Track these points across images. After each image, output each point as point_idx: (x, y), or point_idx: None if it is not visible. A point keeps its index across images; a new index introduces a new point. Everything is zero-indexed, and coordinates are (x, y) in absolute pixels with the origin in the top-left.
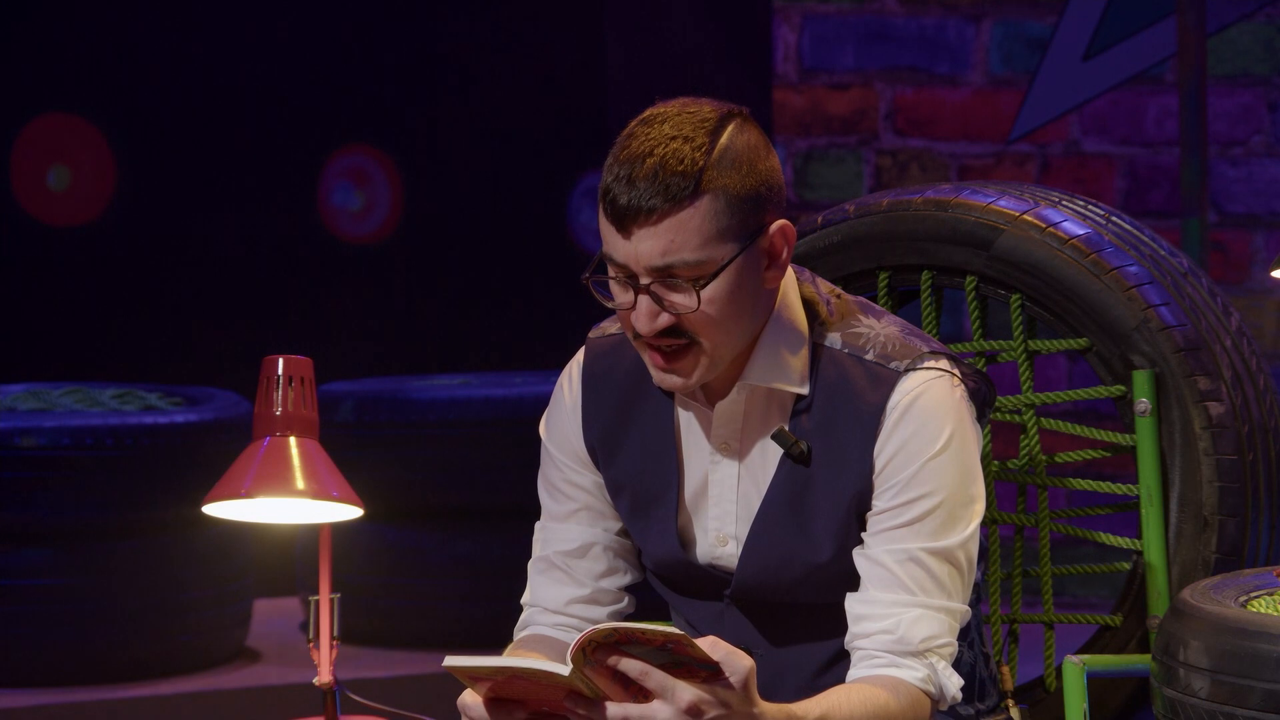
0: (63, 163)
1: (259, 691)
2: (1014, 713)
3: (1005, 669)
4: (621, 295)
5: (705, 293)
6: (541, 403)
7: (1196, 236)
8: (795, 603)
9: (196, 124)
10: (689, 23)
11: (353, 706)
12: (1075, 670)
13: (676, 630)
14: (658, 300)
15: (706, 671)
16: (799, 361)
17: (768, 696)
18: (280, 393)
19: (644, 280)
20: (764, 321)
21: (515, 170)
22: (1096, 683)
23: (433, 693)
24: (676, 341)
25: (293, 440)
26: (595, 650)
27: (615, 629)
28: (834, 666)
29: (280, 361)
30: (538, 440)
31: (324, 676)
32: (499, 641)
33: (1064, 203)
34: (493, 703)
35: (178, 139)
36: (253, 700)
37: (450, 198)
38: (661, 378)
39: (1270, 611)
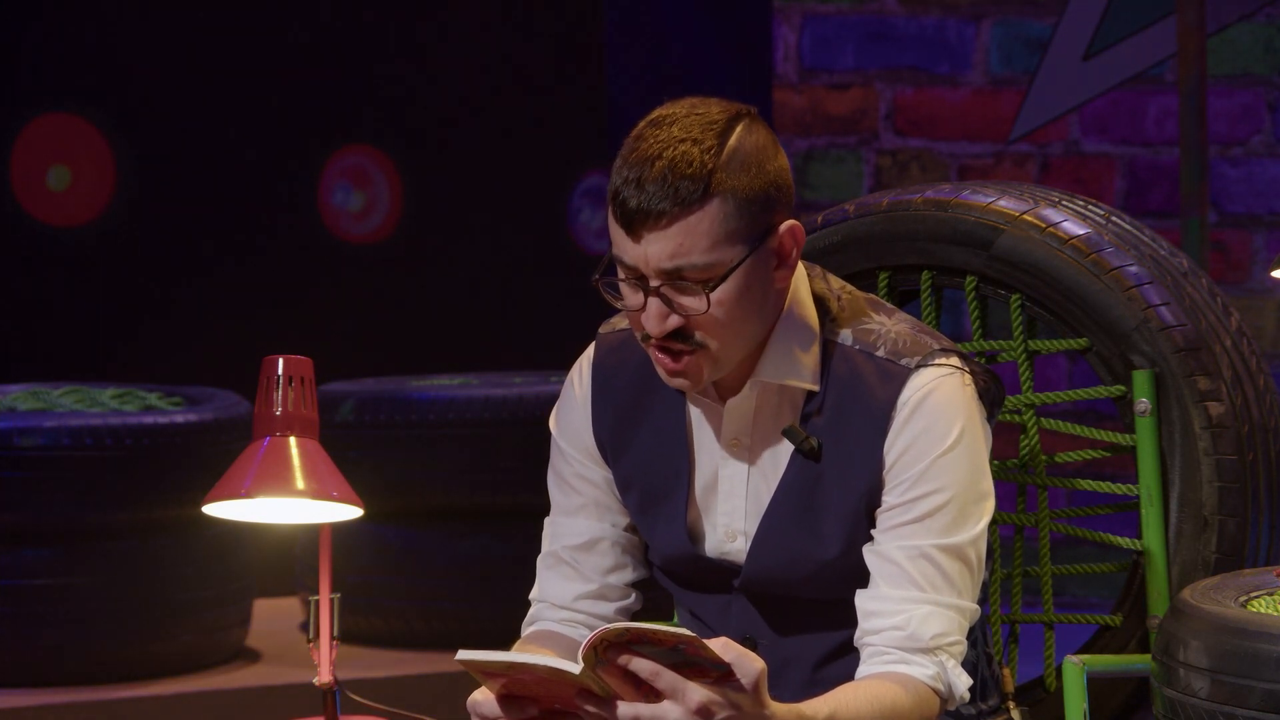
0: (63, 163)
1: (259, 691)
2: (1015, 714)
3: (1006, 670)
4: (631, 297)
5: (715, 295)
6: (542, 402)
7: (1196, 236)
8: (803, 597)
9: (196, 124)
10: (689, 23)
11: (353, 706)
12: (1075, 670)
13: (688, 631)
14: (667, 302)
15: (717, 672)
16: (810, 358)
17: (770, 686)
18: (280, 393)
19: (653, 282)
20: (774, 320)
21: (515, 170)
22: (1096, 683)
23: (433, 693)
24: (684, 346)
25: (293, 440)
26: (607, 649)
27: (627, 629)
28: (838, 658)
29: (280, 361)
30: (538, 440)
31: (324, 676)
32: (499, 642)
33: (1064, 203)
34: (504, 698)
35: (178, 139)
36: (253, 700)
37: (450, 198)
38: (669, 379)
39: (1270, 611)
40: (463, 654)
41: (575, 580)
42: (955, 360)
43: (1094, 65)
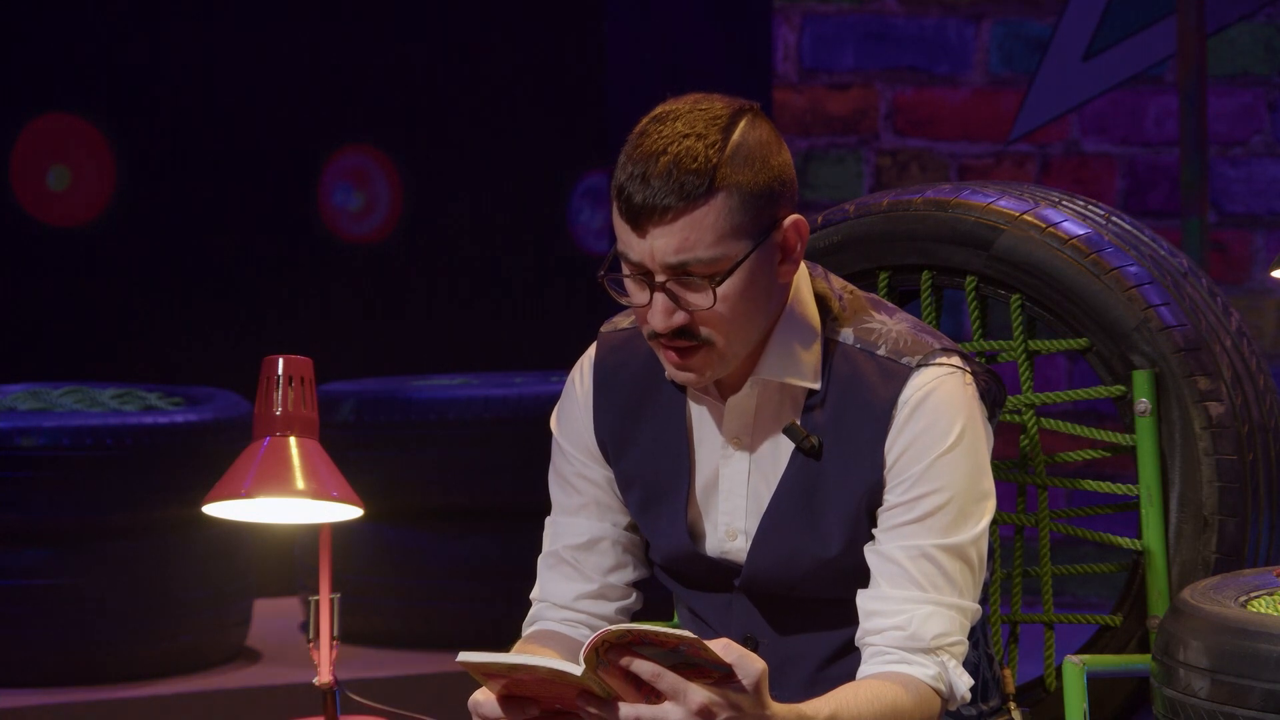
0: (63, 163)
1: (259, 691)
2: (1015, 715)
3: (1007, 671)
4: (637, 293)
5: (720, 290)
6: (542, 402)
7: (1196, 236)
8: (803, 596)
9: (196, 124)
10: (689, 23)
11: (353, 706)
12: (1075, 670)
13: (689, 633)
14: (673, 298)
15: (719, 673)
16: (811, 356)
17: (771, 686)
18: (280, 393)
19: (659, 278)
20: (777, 317)
21: (515, 170)
22: (1096, 683)
23: (433, 693)
24: (690, 343)
25: (293, 440)
26: (608, 651)
27: (629, 630)
28: (839, 658)
29: (280, 361)
30: (538, 440)
31: (324, 676)
32: (499, 641)
33: (1064, 203)
34: (505, 699)
35: (178, 139)
36: (253, 700)
37: (450, 198)
38: (675, 373)
39: (1270, 611)
40: (463, 656)
41: (576, 580)
42: (956, 360)
43: (1094, 65)
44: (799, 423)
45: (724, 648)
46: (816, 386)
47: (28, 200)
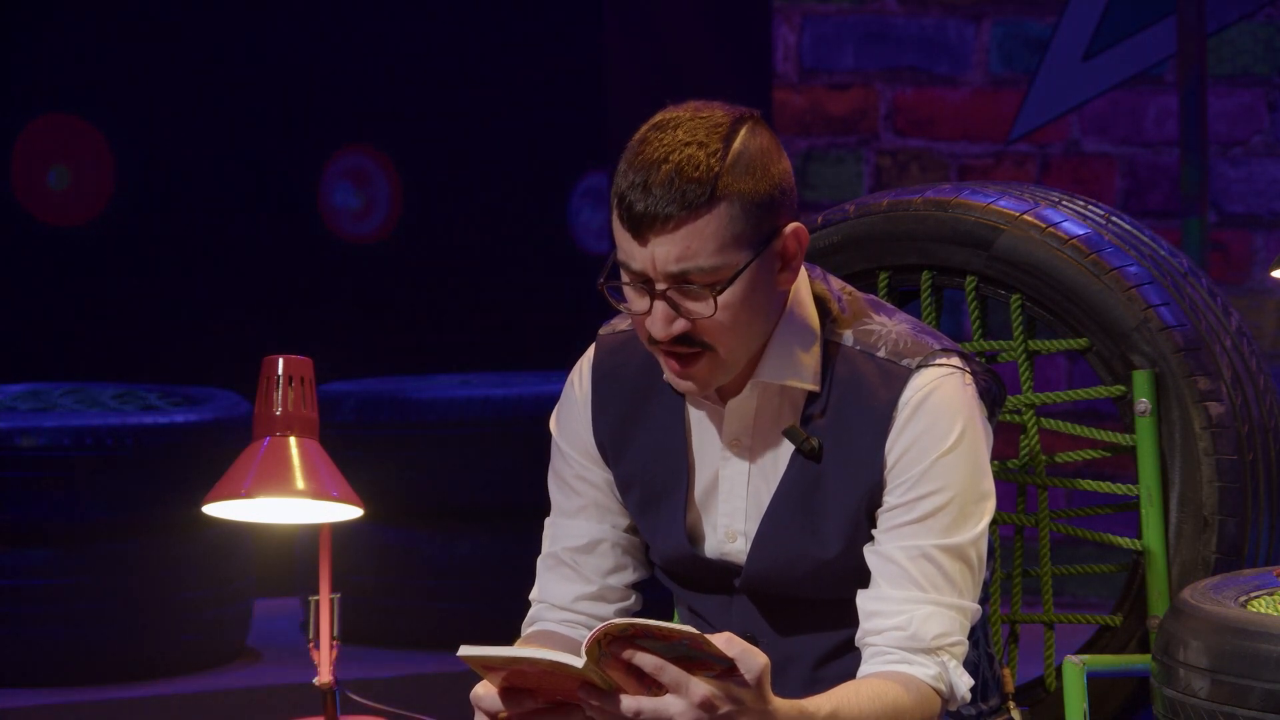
0: (63, 163)
1: (259, 691)
2: (1015, 715)
3: (1006, 671)
4: (637, 301)
5: (721, 298)
6: (542, 403)
7: (1196, 236)
8: (803, 597)
9: (196, 124)
10: (689, 23)
11: (353, 706)
12: (1075, 670)
13: (691, 628)
14: (674, 306)
15: (721, 667)
16: (811, 359)
17: (771, 683)
18: (280, 393)
19: (660, 286)
20: (776, 321)
21: (515, 170)
22: (1096, 683)
23: (433, 693)
24: (690, 350)
25: (293, 440)
26: (610, 644)
27: (631, 624)
28: (839, 657)
29: (280, 361)
30: (537, 440)
31: (324, 676)
32: (498, 642)
33: (1064, 203)
34: (506, 691)
35: (178, 139)
36: (253, 700)
37: (450, 198)
38: (677, 381)
39: (1270, 611)
40: (464, 650)
41: (575, 581)
42: (956, 360)
43: (1094, 65)
44: (799, 425)
45: (726, 642)
46: (816, 389)
47: (28, 200)
